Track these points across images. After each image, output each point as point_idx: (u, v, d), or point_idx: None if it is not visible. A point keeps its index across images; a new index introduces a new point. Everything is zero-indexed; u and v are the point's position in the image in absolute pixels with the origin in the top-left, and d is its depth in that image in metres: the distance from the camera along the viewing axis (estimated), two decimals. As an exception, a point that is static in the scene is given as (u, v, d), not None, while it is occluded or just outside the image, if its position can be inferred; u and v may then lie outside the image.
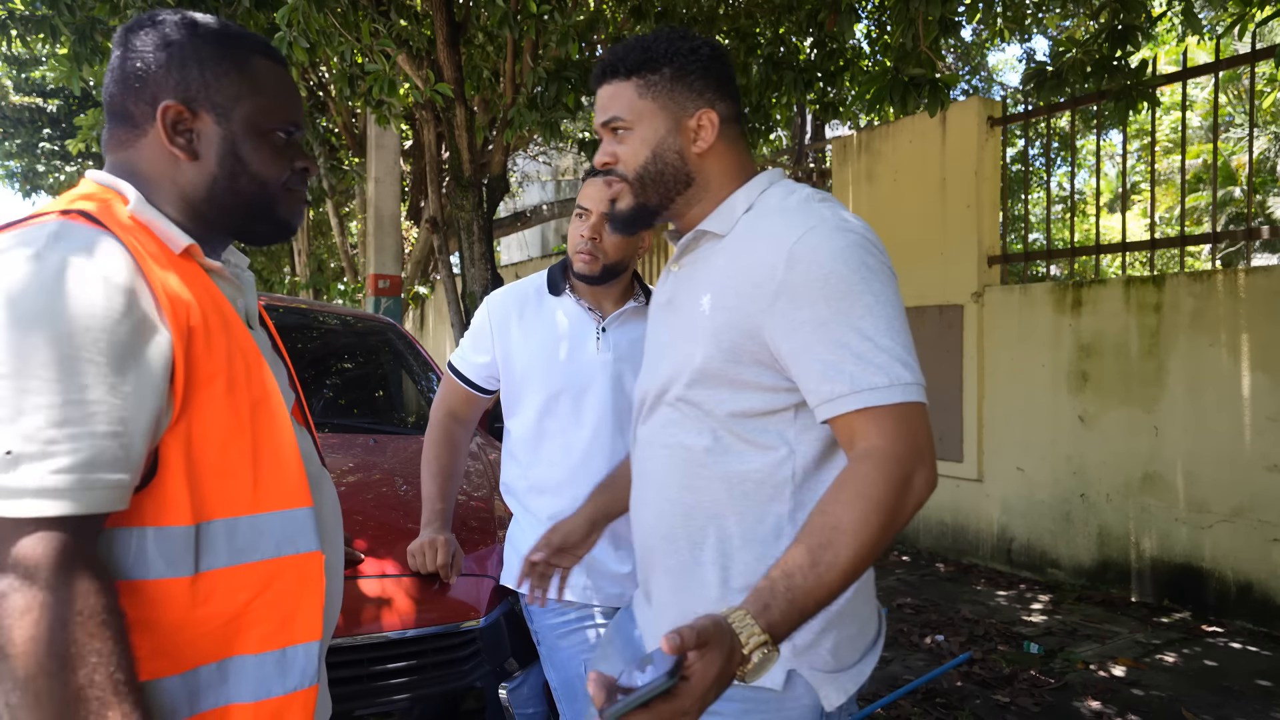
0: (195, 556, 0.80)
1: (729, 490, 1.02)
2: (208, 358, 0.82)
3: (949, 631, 3.67)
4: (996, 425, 4.79)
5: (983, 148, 4.89)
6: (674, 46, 1.07)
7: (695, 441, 1.04)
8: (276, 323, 3.27)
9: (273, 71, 0.94)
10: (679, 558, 1.06)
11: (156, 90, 0.88)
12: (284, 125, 0.94)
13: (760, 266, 0.99)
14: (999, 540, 4.79)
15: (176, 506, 0.79)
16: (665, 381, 1.08)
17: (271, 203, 0.95)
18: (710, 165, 1.09)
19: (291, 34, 3.65)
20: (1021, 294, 4.68)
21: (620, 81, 1.08)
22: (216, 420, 0.82)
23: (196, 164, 0.90)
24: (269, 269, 12.72)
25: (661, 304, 1.17)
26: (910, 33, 3.04)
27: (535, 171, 15.52)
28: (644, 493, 1.13)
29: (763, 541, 1.01)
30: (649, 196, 1.09)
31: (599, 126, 1.11)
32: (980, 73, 13.80)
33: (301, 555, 0.87)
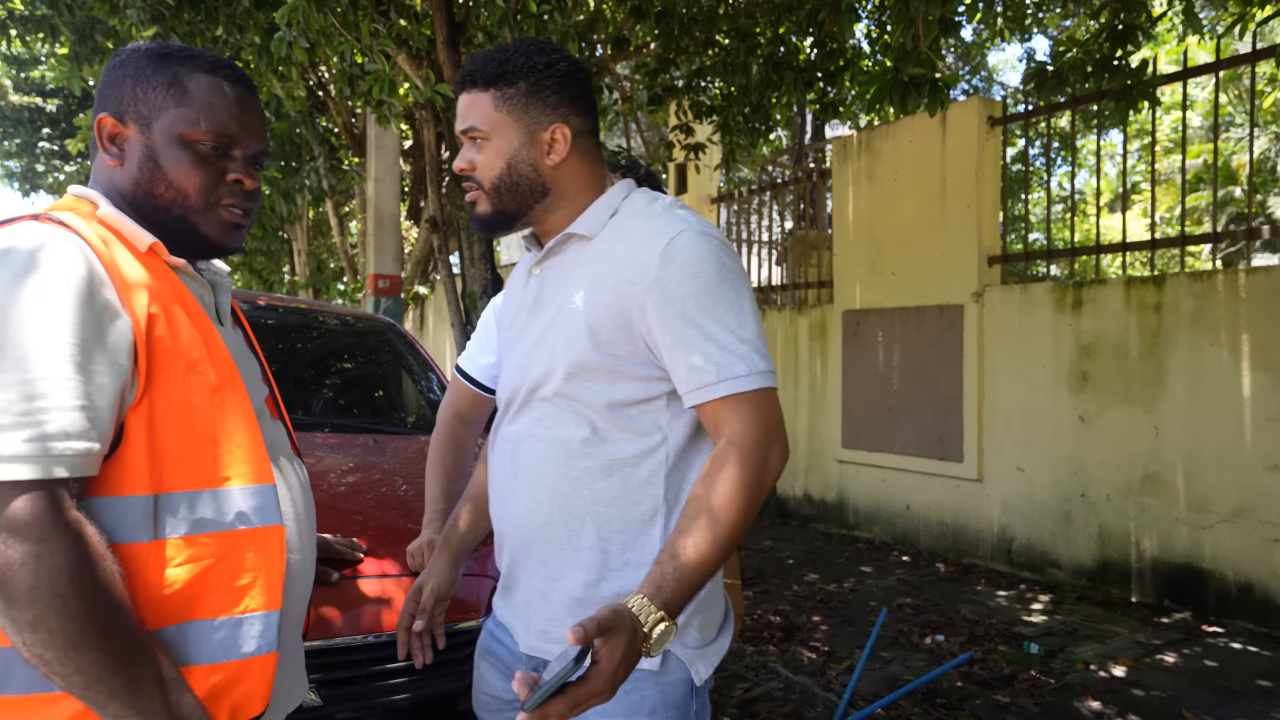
0: (155, 524, 0.88)
1: (607, 477, 1.08)
2: (169, 341, 0.90)
3: (949, 632, 3.67)
4: (997, 425, 4.78)
5: (983, 147, 4.89)
6: (531, 60, 1.10)
7: (573, 433, 1.09)
8: (277, 323, 3.27)
9: (211, 86, 1.00)
10: (556, 546, 1.11)
11: (101, 105, 1.00)
12: (212, 137, 0.99)
13: (634, 264, 1.06)
14: (999, 540, 4.79)
15: (136, 476, 0.87)
16: (538, 378, 1.12)
17: (193, 214, 0.99)
18: (565, 176, 1.14)
19: (291, 34, 3.64)
20: (1022, 294, 4.67)
21: (478, 92, 1.11)
22: (178, 399, 0.90)
23: (123, 169, 0.99)
24: (268, 269, 12.72)
25: (526, 305, 1.19)
26: (910, 33, 3.04)
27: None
28: (515, 487, 1.15)
29: (640, 523, 1.08)
30: (505, 204, 1.14)
31: (459, 133, 1.14)
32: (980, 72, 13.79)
33: (262, 528, 0.94)
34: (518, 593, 1.17)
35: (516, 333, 1.20)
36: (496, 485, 1.20)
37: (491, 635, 1.27)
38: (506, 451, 1.17)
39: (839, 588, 4.40)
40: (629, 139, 7.17)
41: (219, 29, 4.86)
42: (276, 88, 6.58)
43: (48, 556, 0.79)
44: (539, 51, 1.11)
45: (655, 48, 5.54)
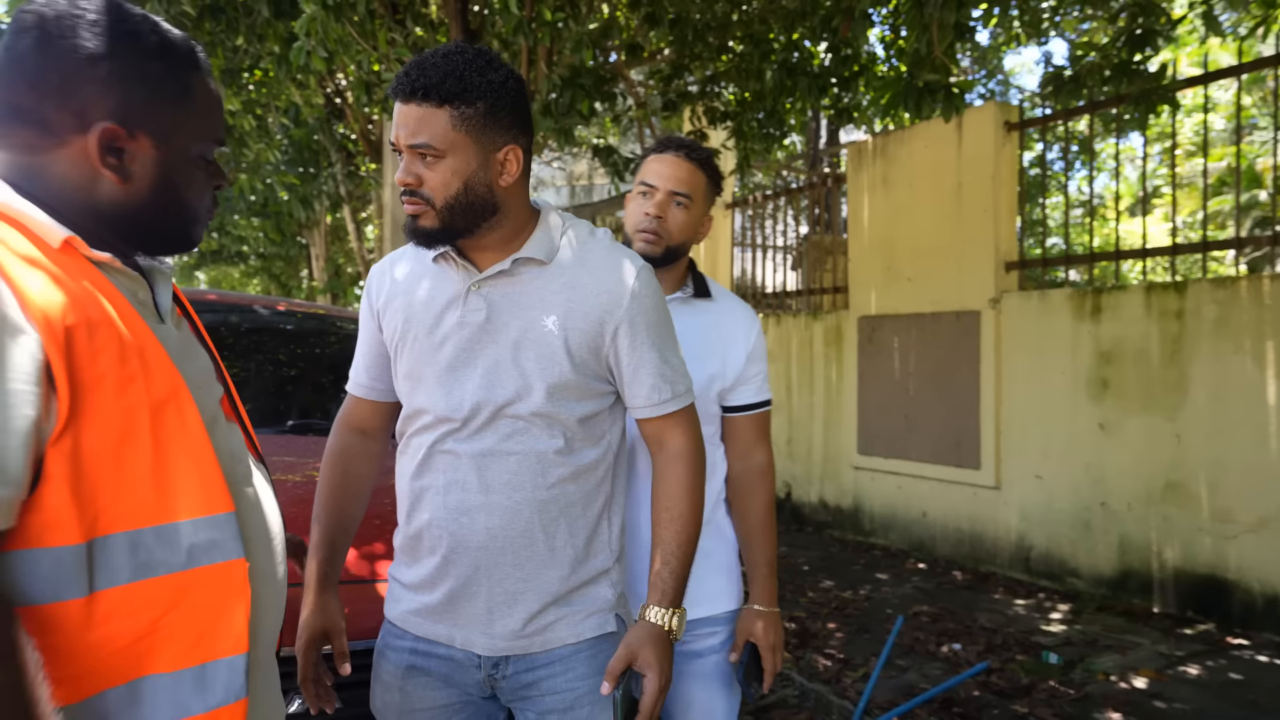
0: (89, 576, 0.74)
1: (576, 482, 1.22)
2: (92, 359, 0.75)
3: (966, 640, 3.64)
4: (1014, 432, 4.74)
5: (1000, 152, 4.85)
6: (487, 79, 1.10)
7: (547, 445, 1.20)
8: (295, 328, 3.29)
9: (204, 87, 0.90)
10: (533, 550, 1.20)
11: (87, 104, 0.81)
12: (212, 144, 0.92)
13: (608, 295, 1.20)
14: (1017, 548, 4.74)
15: (62, 524, 0.73)
16: (508, 397, 1.18)
17: (191, 224, 0.92)
18: (511, 196, 1.18)
19: (310, 43, 3.68)
20: (1040, 300, 4.63)
21: (432, 107, 1.09)
22: (107, 426, 0.75)
23: (126, 186, 0.85)
24: (287, 273, 12.85)
25: (473, 323, 1.19)
26: (925, 39, 3.02)
27: (550, 177, 15.58)
28: (488, 500, 1.19)
29: (596, 517, 1.25)
30: (455, 222, 1.14)
31: (404, 145, 1.11)
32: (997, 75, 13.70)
33: (221, 565, 0.82)
34: (475, 601, 1.21)
35: (459, 349, 1.19)
36: (454, 501, 1.20)
37: (415, 653, 1.26)
38: (468, 467, 1.19)
39: (854, 595, 4.37)
40: (643, 144, 7.19)
41: (239, 38, 4.93)
42: (295, 95, 6.65)
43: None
44: (492, 68, 1.11)
45: (669, 54, 5.56)
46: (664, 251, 1.51)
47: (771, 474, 1.59)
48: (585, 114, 4.15)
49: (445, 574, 1.22)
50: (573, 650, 1.22)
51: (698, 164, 1.52)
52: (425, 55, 1.11)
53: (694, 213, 1.53)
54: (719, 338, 1.56)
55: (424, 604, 1.25)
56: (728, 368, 1.55)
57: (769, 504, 1.58)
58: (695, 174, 1.52)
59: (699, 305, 1.59)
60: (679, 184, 1.51)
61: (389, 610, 1.31)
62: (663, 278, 1.55)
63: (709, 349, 1.54)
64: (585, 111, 4.12)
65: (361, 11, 3.97)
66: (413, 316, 1.23)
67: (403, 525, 1.29)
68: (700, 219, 1.56)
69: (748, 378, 1.56)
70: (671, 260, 1.54)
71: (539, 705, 1.22)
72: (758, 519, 1.57)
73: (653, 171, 1.53)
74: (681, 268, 1.60)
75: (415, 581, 1.26)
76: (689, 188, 1.51)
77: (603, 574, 1.26)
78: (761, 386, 1.58)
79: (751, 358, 1.56)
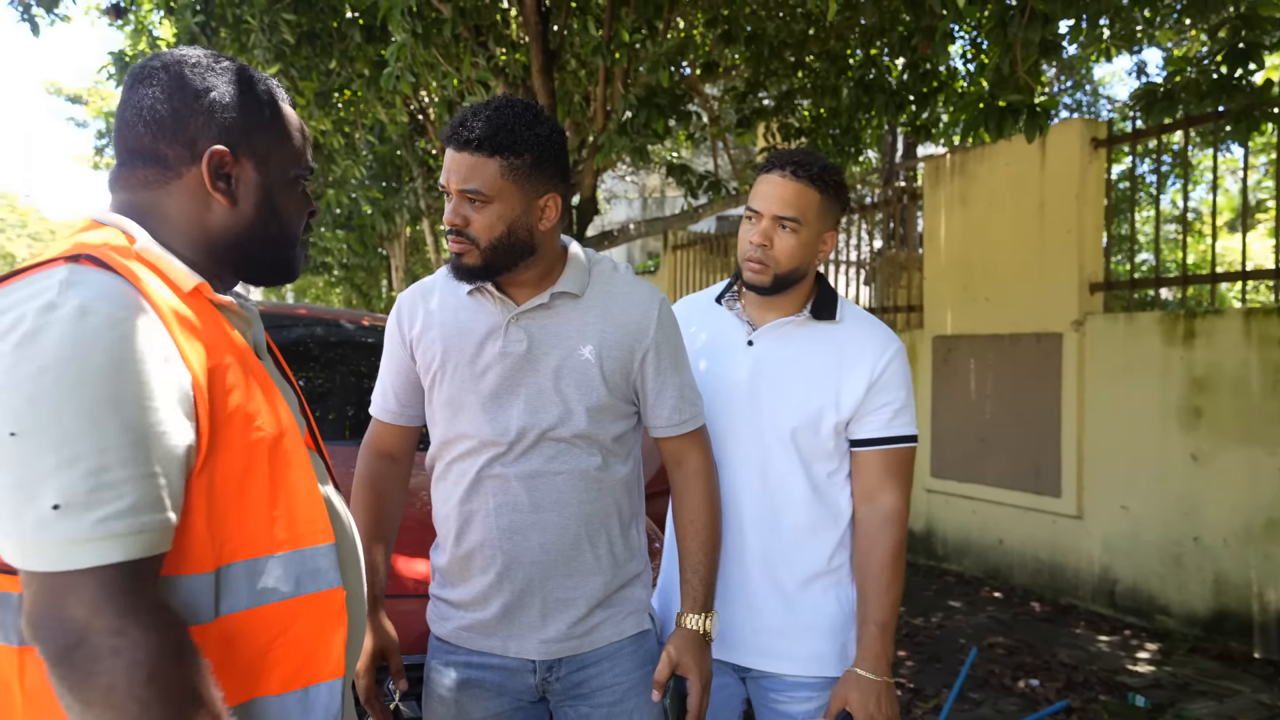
0: (215, 601, 0.80)
1: (613, 495, 1.33)
2: (224, 397, 0.81)
3: (1044, 676, 3.50)
4: (1098, 460, 4.55)
5: (1085, 170, 4.68)
6: (534, 132, 1.20)
7: (589, 463, 1.29)
8: (376, 341, 3.43)
9: (291, 118, 0.96)
10: (581, 560, 1.30)
11: (197, 134, 0.88)
12: (304, 170, 0.97)
13: (636, 325, 1.31)
14: (1100, 581, 4.54)
15: (198, 552, 0.79)
16: (553, 421, 1.27)
17: (291, 250, 0.98)
18: (547, 238, 1.27)
19: (399, 68, 3.85)
20: (1127, 323, 4.44)
21: (484, 156, 1.17)
22: (233, 460, 0.81)
23: (234, 209, 0.90)
24: (368, 283, 13.33)
25: (515, 353, 1.27)
26: (1008, 57, 2.96)
27: (623, 190, 15.74)
28: (538, 518, 1.28)
29: (629, 524, 1.37)
30: (497, 261, 1.23)
31: (454, 189, 1.20)
32: (1085, 86, 13.19)
33: (324, 592, 0.86)
34: (529, 611, 1.30)
35: (503, 377, 1.27)
36: (506, 522, 1.28)
37: (469, 667, 1.32)
38: (518, 489, 1.27)
39: (926, 622, 4.26)
40: (715, 159, 7.21)
41: (332, 62, 5.19)
42: (381, 114, 6.93)
43: (126, 651, 0.70)
44: (539, 123, 1.21)
45: (744, 70, 5.57)
46: (772, 280, 1.42)
47: (898, 522, 1.42)
48: (660, 133, 4.20)
49: (499, 589, 1.29)
50: (617, 648, 1.34)
51: (808, 181, 1.40)
52: (478, 108, 1.20)
53: (805, 235, 1.41)
54: (835, 365, 1.43)
55: (476, 620, 1.32)
56: (843, 398, 1.42)
57: (891, 555, 1.40)
58: (804, 193, 1.40)
59: (817, 329, 1.47)
60: (784, 206, 1.40)
61: (438, 629, 1.37)
62: (778, 302, 1.47)
63: (821, 378, 1.43)
64: (660, 130, 4.17)
65: (447, 36, 4.13)
66: (451, 346, 1.29)
67: (449, 547, 1.34)
68: (815, 240, 1.43)
69: (872, 409, 1.42)
70: (784, 288, 1.44)
71: (590, 700, 1.32)
72: (874, 571, 1.40)
73: (758, 194, 1.43)
74: (803, 290, 1.47)
75: (466, 599, 1.33)
76: (796, 210, 1.39)
77: (636, 576, 1.38)
78: (892, 420, 1.43)
79: (877, 387, 1.42)
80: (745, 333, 1.50)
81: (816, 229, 1.42)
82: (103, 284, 0.76)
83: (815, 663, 1.43)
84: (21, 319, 0.72)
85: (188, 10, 4.65)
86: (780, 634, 1.45)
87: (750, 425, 1.46)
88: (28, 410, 0.70)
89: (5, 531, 0.72)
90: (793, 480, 1.44)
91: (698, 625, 1.31)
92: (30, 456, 0.70)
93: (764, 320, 1.49)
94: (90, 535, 0.70)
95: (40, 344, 0.71)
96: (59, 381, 0.70)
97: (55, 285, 0.74)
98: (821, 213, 1.42)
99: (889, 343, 1.45)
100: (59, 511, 0.70)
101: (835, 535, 1.46)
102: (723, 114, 6.78)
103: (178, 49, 0.92)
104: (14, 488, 0.71)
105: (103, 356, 0.72)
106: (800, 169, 1.40)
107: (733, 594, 1.46)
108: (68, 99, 13.01)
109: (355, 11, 4.87)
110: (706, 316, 1.57)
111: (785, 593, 1.45)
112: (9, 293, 0.75)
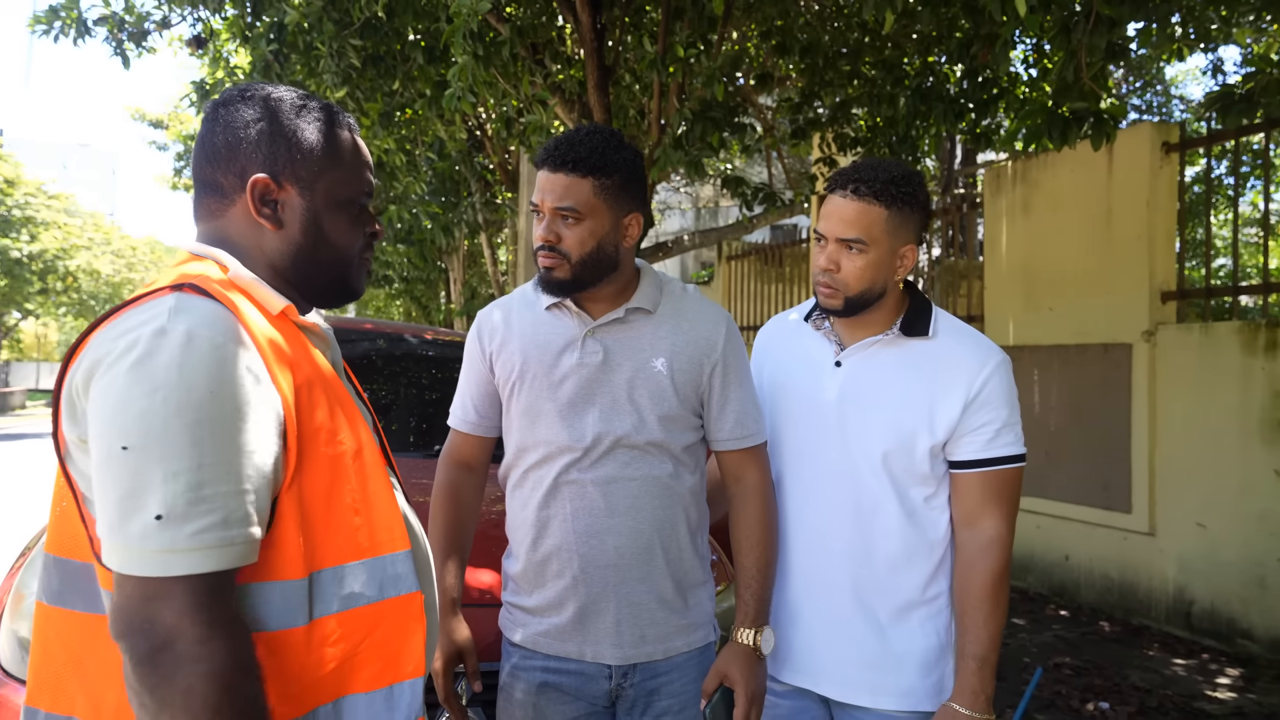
0: (309, 605, 0.85)
1: (682, 503, 1.38)
2: (310, 414, 0.86)
3: (1115, 699, 3.39)
4: (1171, 476, 4.38)
5: (1156, 176, 4.53)
6: (622, 156, 1.30)
7: (661, 470, 1.35)
8: (436, 355, 3.53)
9: (350, 142, 0.99)
10: (654, 565, 1.35)
11: (245, 163, 0.93)
12: (360, 194, 1.00)
13: (705, 340, 1.37)
14: (1175, 602, 4.36)
15: (292, 559, 0.84)
16: (627, 429, 1.33)
17: (346, 270, 1.01)
18: (628, 255, 1.36)
19: (460, 88, 3.96)
20: (1203, 333, 4.27)
21: (578, 177, 1.28)
22: (320, 472, 0.86)
23: (281, 233, 0.95)
24: (427, 295, 13.65)
25: (592, 364, 1.34)
26: (1071, 64, 2.89)
27: (676, 201, 15.79)
28: (614, 523, 1.34)
29: (695, 533, 1.42)
30: (585, 275, 1.31)
31: (549, 208, 1.29)
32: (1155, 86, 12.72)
33: (404, 596, 0.91)
34: (605, 616, 1.34)
35: (579, 387, 1.34)
36: (583, 526, 1.33)
37: (547, 671, 1.37)
38: (595, 494, 1.33)
39: (988, 641, 4.16)
40: (770, 168, 7.19)
41: (396, 83, 5.36)
42: (440, 131, 7.13)
43: (206, 659, 0.75)
44: (625, 148, 1.32)
45: (798, 80, 5.55)
46: (844, 304, 1.38)
47: (1000, 548, 1.33)
48: (715, 146, 4.22)
49: (575, 593, 1.34)
50: (686, 658, 1.39)
51: (871, 198, 1.33)
52: (571, 133, 1.30)
53: (874, 254, 1.35)
54: (928, 385, 1.37)
55: (553, 625, 1.36)
56: (937, 419, 1.35)
57: (992, 584, 1.32)
58: (867, 211, 1.34)
59: (909, 347, 1.40)
60: (847, 228, 1.35)
61: (514, 635, 1.42)
62: (866, 320, 1.42)
63: (913, 398, 1.37)
64: (715, 144, 4.19)
65: (506, 56, 4.24)
66: (530, 358, 1.36)
67: (525, 553, 1.39)
68: (887, 258, 1.36)
69: (970, 429, 1.35)
70: (860, 309, 1.39)
71: (656, 708, 1.37)
72: (974, 600, 1.32)
73: (822, 216, 1.39)
74: (890, 305, 1.41)
75: (542, 605, 1.37)
76: (860, 229, 1.34)
77: (702, 585, 1.43)
78: (993, 441, 1.34)
79: (975, 406, 1.34)
80: (833, 353, 1.45)
81: (887, 246, 1.35)
82: (205, 311, 0.82)
83: (909, 698, 1.37)
84: (136, 342, 0.78)
85: (262, 40, 4.87)
86: (873, 666, 1.38)
87: (840, 449, 1.41)
88: (139, 427, 0.76)
89: (109, 537, 0.77)
90: (886, 506, 1.38)
91: (749, 640, 1.33)
92: (139, 469, 0.76)
93: (853, 339, 1.44)
94: (187, 546, 0.75)
95: (152, 366, 0.77)
96: (167, 401, 0.76)
97: (165, 312, 0.80)
98: (892, 228, 1.35)
99: (988, 357, 1.37)
100: (161, 522, 0.75)
101: (932, 562, 1.39)
102: (777, 124, 6.76)
103: (238, 86, 0.98)
104: (123, 497, 0.76)
105: (204, 379, 0.78)
106: (863, 186, 1.34)
107: (822, 623, 1.42)
108: (150, 124, 13.71)
109: (418, 34, 5.03)
110: (795, 337, 1.53)
111: (878, 623, 1.39)
112: (127, 318, 0.82)
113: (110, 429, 0.77)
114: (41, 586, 0.90)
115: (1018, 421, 1.38)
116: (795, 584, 1.45)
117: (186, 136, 12.29)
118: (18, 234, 18.24)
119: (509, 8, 4.90)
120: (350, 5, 4.55)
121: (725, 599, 1.88)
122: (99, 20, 5.01)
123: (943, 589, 1.40)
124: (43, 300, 22.66)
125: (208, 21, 5.43)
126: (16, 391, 28.61)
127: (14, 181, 18.57)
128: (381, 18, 4.74)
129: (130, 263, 28.86)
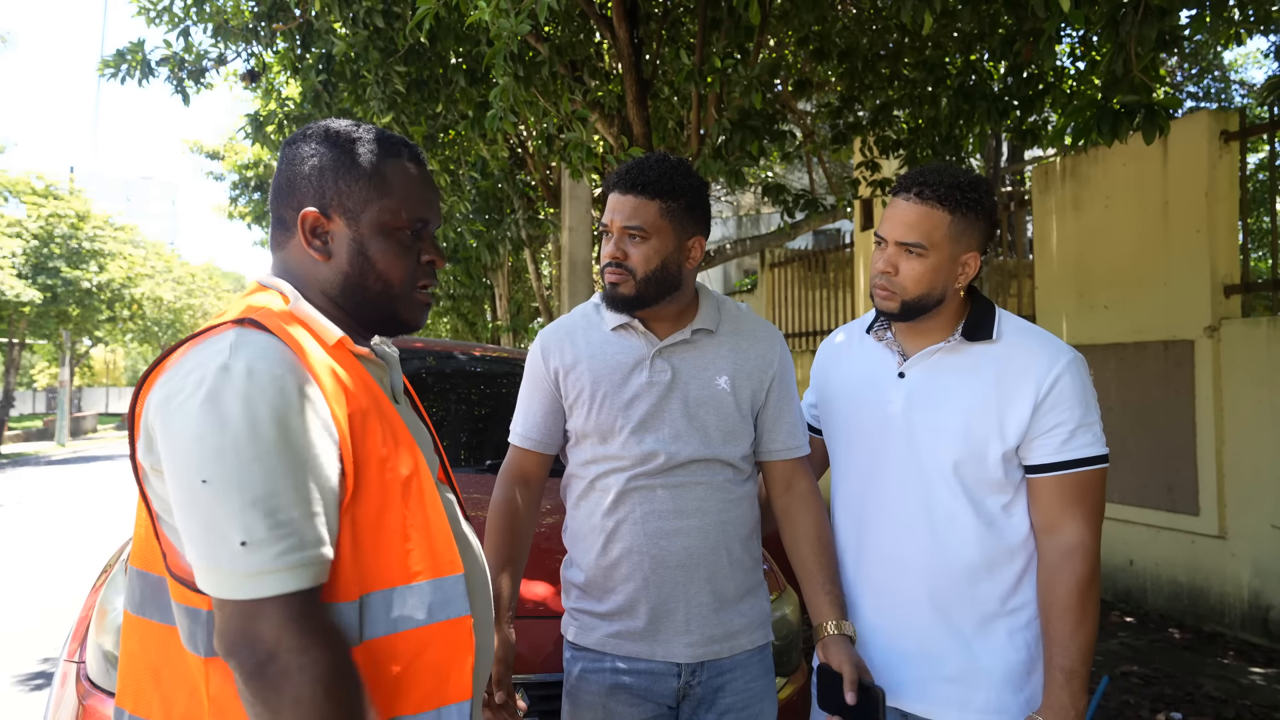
0: (360, 628, 0.88)
1: (741, 508, 1.45)
2: (364, 441, 0.90)
3: (1188, 709, 3.26)
4: (1242, 476, 4.21)
5: (1215, 166, 4.39)
6: (689, 181, 1.38)
7: (723, 476, 1.43)
8: (485, 371, 3.60)
9: (403, 172, 1.01)
10: (719, 564, 1.41)
11: (301, 197, 0.98)
12: (412, 223, 1.01)
13: (764, 358, 1.47)
14: (1251, 608, 4.18)
15: (346, 582, 0.88)
16: (697, 444, 1.40)
17: (395, 301, 1.01)
18: (690, 277, 1.44)
19: (501, 108, 4.05)
20: (1271, 327, 4.11)
21: (645, 199, 1.35)
22: (372, 498, 0.89)
23: (331, 263, 0.99)
24: (473, 312, 13.88)
25: (660, 382, 1.41)
26: (1121, 57, 2.82)
27: (717, 210, 15.79)
28: (682, 524, 1.40)
29: (750, 535, 1.48)
30: (648, 292, 1.38)
31: (618, 226, 1.36)
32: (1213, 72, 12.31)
33: (453, 620, 0.93)
34: (675, 616, 1.40)
35: (650, 404, 1.40)
36: (653, 528, 1.39)
37: (617, 672, 1.40)
38: (664, 497, 1.40)
39: (1051, 649, 4.04)
40: (811, 174, 7.15)
41: (439, 106, 5.50)
42: (483, 150, 7.27)
43: (309, 667, 0.80)
44: (690, 174, 1.40)
45: (837, 84, 5.53)
46: (900, 306, 1.36)
47: (1085, 554, 1.28)
48: (755, 155, 4.22)
49: (645, 594, 1.39)
50: (749, 656, 1.45)
51: (935, 202, 1.32)
52: (641, 160, 1.39)
53: (934, 259, 1.33)
54: (995, 390, 1.33)
55: (625, 627, 1.40)
56: (1007, 425, 1.31)
57: (1078, 593, 1.27)
58: (929, 215, 1.32)
59: (973, 352, 1.37)
60: (906, 232, 1.33)
61: (583, 639, 1.45)
62: (927, 327, 1.40)
63: (980, 405, 1.33)
64: (755, 153, 4.20)
65: (545, 75, 4.32)
66: (600, 377, 1.42)
67: (594, 558, 1.43)
68: (947, 263, 1.33)
69: (1042, 431, 1.30)
70: (917, 313, 1.37)
71: (721, 705, 1.42)
72: (1059, 611, 1.28)
73: (885, 218, 1.38)
74: (951, 312, 1.39)
75: (612, 609, 1.41)
76: (920, 234, 1.32)
77: (759, 585, 1.50)
78: (1067, 442, 1.30)
79: (1045, 407, 1.30)
80: (896, 364, 1.43)
81: (948, 251, 1.33)
82: (263, 345, 0.86)
83: (996, 715, 1.32)
84: (204, 379, 0.84)
85: (311, 70, 5.05)
86: (956, 681, 1.35)
87: (909, 461, 1.38)
88: (214, 461, 0.81)
89: (201, 566, 0.83)
90: (961, 516, 1.35)
91: (835, 629, 1.38)
92: (219, 500, 0.81)
93: (915, 348, 1.42)
94: (274, 567, 0.81)
95: (221, 402, 0.82)
96: (237, 434, 0.81)
97: (226, 348, 0.85)
98: (954, 234, 1.33)
99: (1057, 357, 1.32)
100: (246, 548, 0.81)
101: (1013, 571, 1.34)
102: (817, 129, 6.73)
103: (306, 126, 1.04)
104: (208, 528, 0.82)
105: (268, 410, 0.83)
106: (927, 190, 1.32)
107: (902, 638, 1.39)
108: (207, 155, 14.25)
109: (459, 58, 5.15)
110: (857, 349, 1.52)
111: (962, 637, 1.35)
112: (194, 354, 0.87)
113: (189, 464, 0.82)
114: (127, 597, 0.97)
115: (1096, 421, 1.32)
116: (870, 599, 1.44)
117: (241, 166, 12.73)
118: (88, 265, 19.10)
119: (547, 27, 4.99)
120: (395, 33, 4.69)
121: (777, 607, 1.88)
122: (161, 61, 5.26)
123: (1028, 599, 1.35)
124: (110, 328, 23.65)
125: (260, 56, 5.65)
126: (89, 416, 29.93)
127: (84, 216, 19.47)
128: (425, 44, 4.87)
129: (190, 289, 29.99)
